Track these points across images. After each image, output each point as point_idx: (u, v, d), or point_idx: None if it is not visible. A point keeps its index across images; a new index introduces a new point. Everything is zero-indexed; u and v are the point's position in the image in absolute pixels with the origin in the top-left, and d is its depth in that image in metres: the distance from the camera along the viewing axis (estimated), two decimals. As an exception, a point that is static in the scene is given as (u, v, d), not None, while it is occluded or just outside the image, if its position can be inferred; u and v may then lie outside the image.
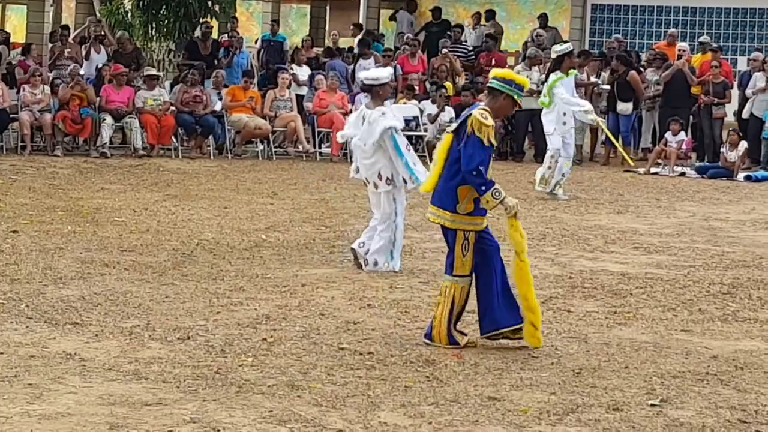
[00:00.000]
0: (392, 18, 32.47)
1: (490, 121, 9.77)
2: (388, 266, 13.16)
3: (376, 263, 13.16)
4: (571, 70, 17.75)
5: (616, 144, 22.51)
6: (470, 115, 9.82)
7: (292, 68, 25.74)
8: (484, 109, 9.89)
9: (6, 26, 34.13)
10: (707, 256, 14.61)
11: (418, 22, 31.82)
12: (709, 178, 23.13)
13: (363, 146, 13.15)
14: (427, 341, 9.93)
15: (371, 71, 13.78)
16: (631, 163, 21.76)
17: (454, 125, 9.99)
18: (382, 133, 12.95)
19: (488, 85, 10.29)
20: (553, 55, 18.75)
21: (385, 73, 13.70)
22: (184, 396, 8.19)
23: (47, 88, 23.11)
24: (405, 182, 13.08)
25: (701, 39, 27.13)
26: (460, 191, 9.82)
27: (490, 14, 30.40)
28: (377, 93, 13.32)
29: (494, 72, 10.34)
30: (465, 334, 9.99)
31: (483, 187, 9.66)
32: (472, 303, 10.04)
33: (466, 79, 26.35)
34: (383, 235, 13.17)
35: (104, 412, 7.76)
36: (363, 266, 13.09)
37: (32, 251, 13.15)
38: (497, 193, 9.66)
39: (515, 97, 10.05)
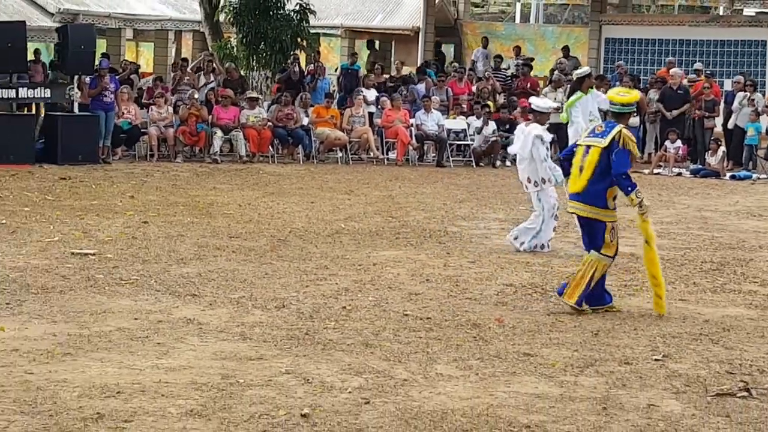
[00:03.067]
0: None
1: (634, 137, 10.14)
2: (522, 246, 13.27)
3: (516, 237, 13.36)
4: (590, 89, 17.56)
5: None
6: (618, 132, 9.98)
7: (362, 91, 25.76)
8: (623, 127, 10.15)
9: (138, 59, 34.32)
10: (700, 240, 14.52)
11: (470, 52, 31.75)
12: (701, 178, 23.09)
13: (522, 154, 13.45)
14: (557, 296, 10.06)
15: (542, 101, 14.14)
16: None
17: (605, 142, 9.98)
18: (533, 140, 13.19)
19: (613, 110, 10.36)
20: (575, 78, 18.58)
21: (549, 105, 13.98)
22: (281, 353, 8.22)
23: (170, 108, 23.27)
24: (545, 182, 13.29)
25: (695, 66, 27.09)
26: (608, 192, 10.05)
27: (518, 50, 30.26)
28: (537, 116, 13.48)
29: (617, 99, 10.36)
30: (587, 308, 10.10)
31: (629, 188, 9.90)
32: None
33: (504, 99, 26.34)
34: (531, 225, 13.37)
35: (217, 365, 7.80)
36: (518, 248, 13.28)
37: (159, 238, 13.23)
38: (639, 194, 9.92)
39: (626, 112, 10.29)
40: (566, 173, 10.60)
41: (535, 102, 13.99)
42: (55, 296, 9.87)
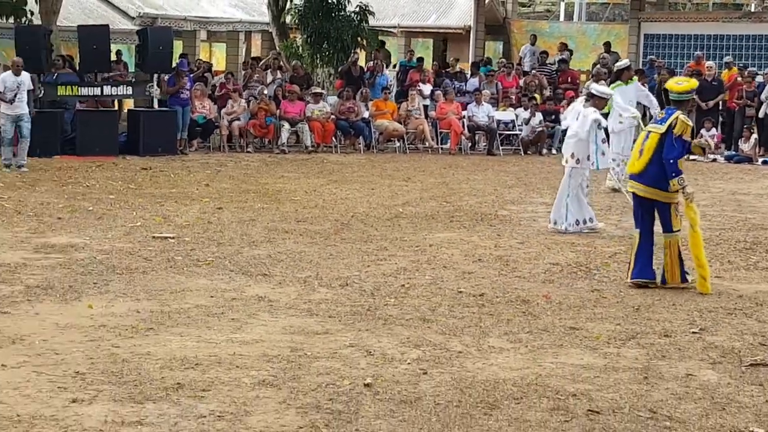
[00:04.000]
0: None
1: (690, 122, 10.01)
2: (562, 227, 13.15)
3: (555, 222, 13.23)
4: (629, 80, 17.28)
5: None
6: (675, 118, 9.91)
7: (419, 86, 25.75)
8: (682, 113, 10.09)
9: (211, 59, 34.43)
10: (734, 221, 14.38)
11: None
12: (735, 163, 22.90)
13: (579, 133, 13.20)
14: (663, 285, 10.03)
15: (601, 87, 13.93)
16: None
17: (663, 128, 9.95)
18: (592, 123, 13.02)
19: (672, 98, 10.25)
20: (615, 69, 18.43)
21: (608, 91, 13.83)
22: (345, 327, 8.25)
23: (243, 102, 23.39)
24: (589, 160, 13.16)
25: (726, 59, 26.85)
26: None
27: (563, 46, 30.02)
28: (596, 101, 13.29)
29: (674, 88, 10.28)
30: (689, 274, 10.13)
31: (673, 174, 9.85)
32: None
33: (550, 92, 26.21)
34: (562, 203, 13.20)
35: (287, 339, 7.84)
36: (562, 231, 13.13)
37: (232, 222, 13.29)
38: (682, 181, 9.86)
39: (690, 99, 10.33)
40: None
41: (596, 87, 13.77)
42: (139, 276, 9.96)
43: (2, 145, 18.32)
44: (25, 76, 18.46)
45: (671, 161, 9.86)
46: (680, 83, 10.34)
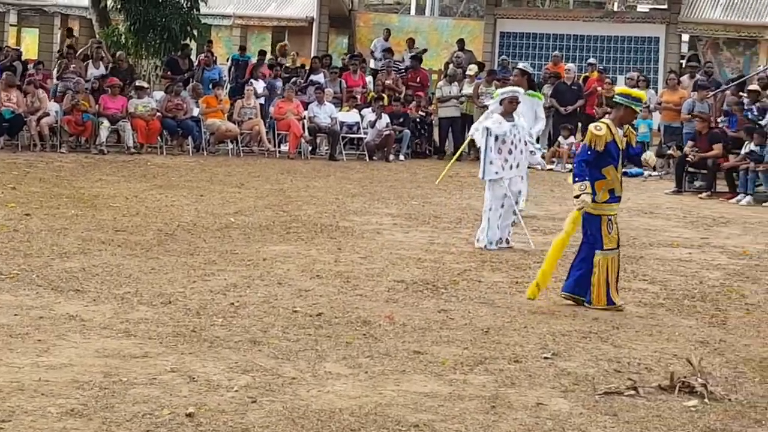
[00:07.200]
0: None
1: (600, 132, 10.24)
2: (479, 243, 13.37)
3: (478, 240, 13.42)
4: (531, 92, 16.53)
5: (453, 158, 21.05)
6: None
7: (251, 82, 25.71)
8: (602, 122, 10.40)
9: (21, 45, 33.75)
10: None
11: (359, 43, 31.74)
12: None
13: (479, 142, 13.50)
14: (587, 306, 10.28)
15: (508, 89, 13.84)
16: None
17: None
18: (482, 130, 13.24)
19: (613, 99, 10.64)
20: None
21: (511, 90, 13.71)
22: (166, 350, 8.17)
23: (42, 93, 22.91)
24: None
25: (589, 61, 27.45)
26: (597, 185, 10.34)
27: (411, 42, 30.29)
28: (506, 105, 13.45)
29: (617, 89, 10.74)
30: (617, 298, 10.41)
31: (576, 178, 10.30)
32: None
33: (399, 93, 26.34)
34: (483, 219, 13.47)
35: (100, 363, 7.73)
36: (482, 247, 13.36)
37: (42, 231, 13.06)
38: (582, 187, 10.23)
39: (633, 107, 10.44)
40: None
41: (502, 90, 13.87)
42: (-68, 291, 9.71)
43: None
44: None
45: (574, 163, 10.31)
46: (634, 90, 10.93)
